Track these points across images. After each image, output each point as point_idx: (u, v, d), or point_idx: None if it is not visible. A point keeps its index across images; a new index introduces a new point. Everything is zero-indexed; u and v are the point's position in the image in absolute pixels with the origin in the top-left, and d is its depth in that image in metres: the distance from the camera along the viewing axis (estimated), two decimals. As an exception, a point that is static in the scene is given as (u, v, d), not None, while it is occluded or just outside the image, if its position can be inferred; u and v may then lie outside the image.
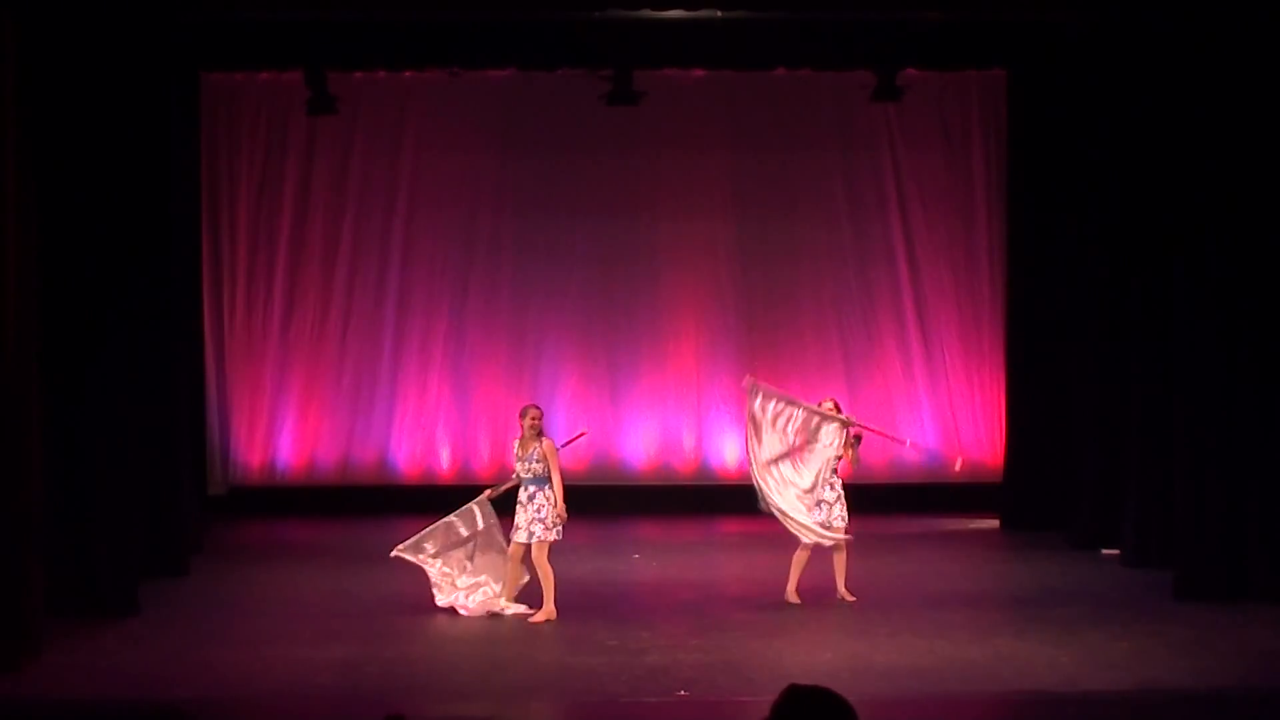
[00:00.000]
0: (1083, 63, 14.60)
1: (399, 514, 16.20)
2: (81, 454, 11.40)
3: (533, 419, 11.51)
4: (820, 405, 12.18)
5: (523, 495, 11.51)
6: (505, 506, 11.79)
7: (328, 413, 16.93)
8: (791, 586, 12.05)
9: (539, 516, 11.38)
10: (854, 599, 11.99)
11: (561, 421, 17.00)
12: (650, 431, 17.07)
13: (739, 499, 16.62)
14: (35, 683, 9.67)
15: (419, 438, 16.93)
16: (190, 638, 10.99)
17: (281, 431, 16.88)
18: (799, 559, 12.04)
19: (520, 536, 11.46)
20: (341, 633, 11.09)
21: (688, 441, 17.13)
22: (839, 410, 12.18)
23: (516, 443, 11.69)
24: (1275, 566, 11.83)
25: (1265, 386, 11.88)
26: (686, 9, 13.45)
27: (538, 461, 11.43)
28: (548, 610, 11.42)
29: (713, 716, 9.16)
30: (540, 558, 11.41)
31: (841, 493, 11.97)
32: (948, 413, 17.09)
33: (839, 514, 11.91)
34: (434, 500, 16.28)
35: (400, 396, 16.98)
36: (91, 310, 11.47)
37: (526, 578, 11.64)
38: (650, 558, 14.30)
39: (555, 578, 11.42)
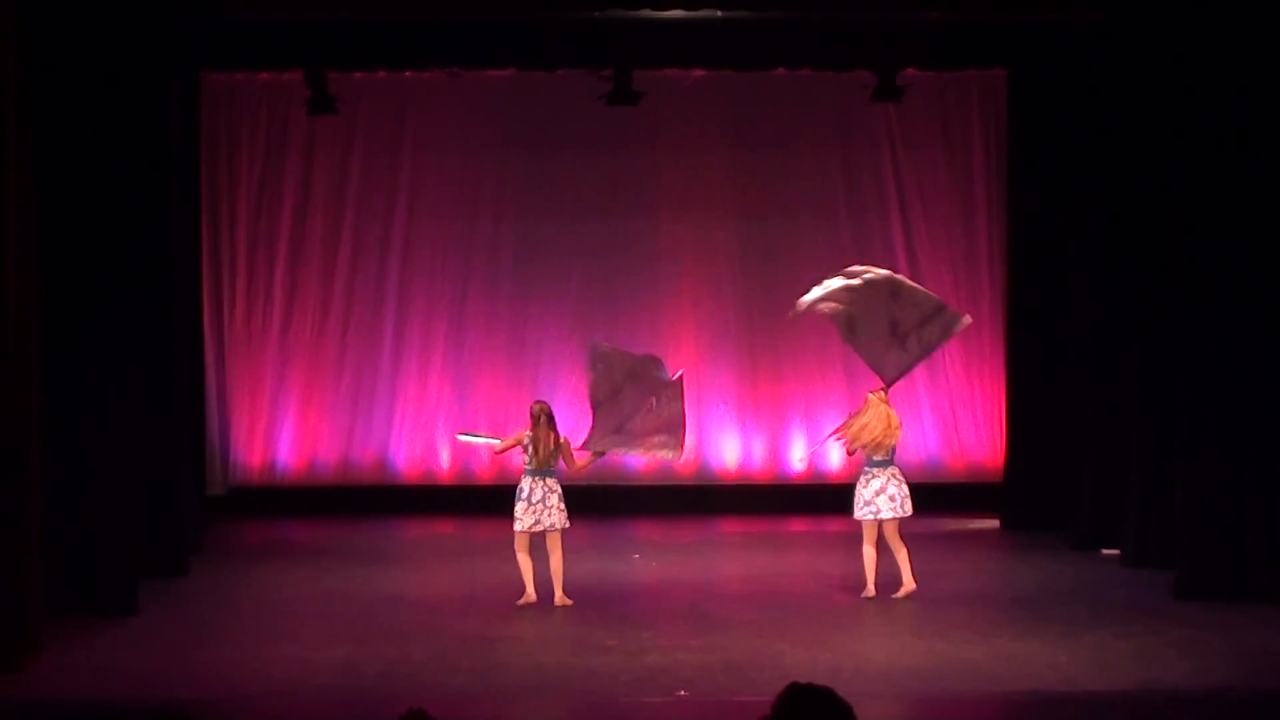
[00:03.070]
0: (1083, 63, 14.60)
1: (399, 514, 16.28)
2: (81, 454, 11.40)
3: (549, 413, 11.99)
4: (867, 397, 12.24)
5: (544, 487, 11.83)
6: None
7: (328, 413, 16.93)
8: (870, 582, 12.10)
9: (561, 506, 11.90)
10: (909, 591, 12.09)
11: (561, 421, 16.98)
12: (650, 431, 17.04)
13: (739, 499, 16.74)
14: (35, 683, 9.67)
15: (419, 438, 16.93)
16: (190, 638, 10.98)
17: (281, 431, 16.88)
18: (869, 553, 12.09)
19: (554, 524, 11.86)
20: (341, 633, 11.09)
21: (688, 441, 17.08)
22: (885, 398, 12.21)
23: (529, 435, 11.90)
24: (1275, 566, 11.83)
25: (1266, 386, 11.89)
26: (686, 9, 13.47)
27: (555, 453, 11.92)
28: (530, 595, 11.95)
29: (713, 716, 9.16)
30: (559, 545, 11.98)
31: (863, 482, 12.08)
32: (948, 413, 17.09)
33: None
34: (434, 500, 16.41)
35: (400, 396, 16.98)
36: (91, 310, 11.48)
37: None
38: (650, 558, 14.29)
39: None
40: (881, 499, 11.94)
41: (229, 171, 16.83)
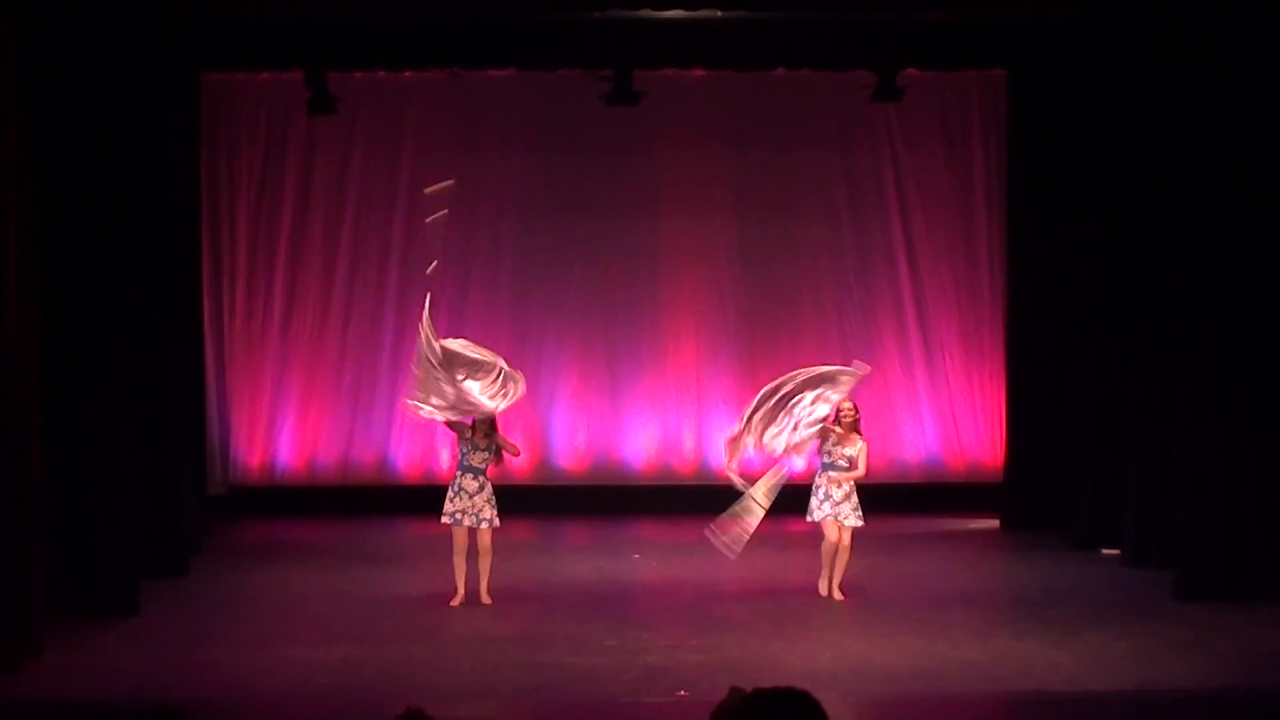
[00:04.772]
0: (1083, 63, 14.61)
1: (399, 514, 16.26)
2: (81, 454, 11.40)
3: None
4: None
5: (472, 484, 11.99)
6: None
7: (328, 413, 16.92)
8: (824, 581, 12.18)
9: (491, 504, 11.99)
10: (843, 599, 12.06)
11: (561, 421, 17.02)
12: (650, 431, 17.06)
13: (738, 499, 16.69)
14: (35, 683, 9.68)
15: (419, 438, 16.91)
16: (190, 638, 10.99)
17: (281, 431, 16.87)
18: (827, 552, 12.14)
19: (483, 523, 11.92)
20: (341, 633, 11.10)
21: (688, 441, 17.11)
22: (857, 413, 12.31)
23: (469, 433, 12.06)
24: (1275, 566, 11.84)
25: (1265, 386, 11.89)
26: (686, 9, 13.47)
27: (485, 449, 11.99)
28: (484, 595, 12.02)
29: (713, 716, 9.15)
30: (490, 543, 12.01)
31: (849, 490, 12.07)
32: (948, 413, 17.08)
33: (848, 511, 12.01)
34: (434, 500, 16.31)
35: (400, 396, 16.95)
36: (91, 310, 11.48)
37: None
38: (650, 558, 14.29)
39: (554, 576, 11.50)
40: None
41: (229, 171, 16.82)
